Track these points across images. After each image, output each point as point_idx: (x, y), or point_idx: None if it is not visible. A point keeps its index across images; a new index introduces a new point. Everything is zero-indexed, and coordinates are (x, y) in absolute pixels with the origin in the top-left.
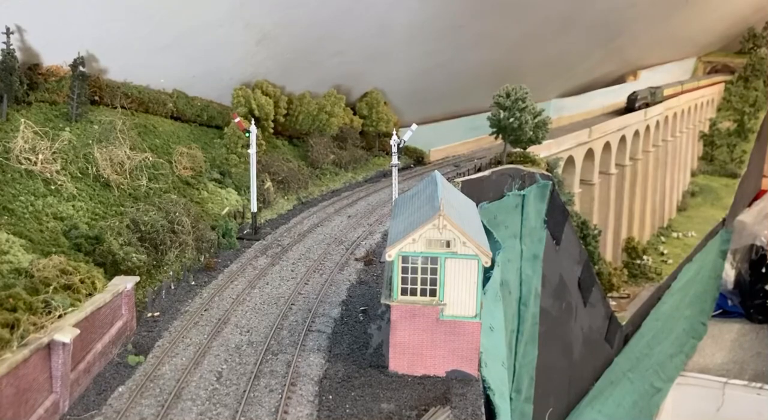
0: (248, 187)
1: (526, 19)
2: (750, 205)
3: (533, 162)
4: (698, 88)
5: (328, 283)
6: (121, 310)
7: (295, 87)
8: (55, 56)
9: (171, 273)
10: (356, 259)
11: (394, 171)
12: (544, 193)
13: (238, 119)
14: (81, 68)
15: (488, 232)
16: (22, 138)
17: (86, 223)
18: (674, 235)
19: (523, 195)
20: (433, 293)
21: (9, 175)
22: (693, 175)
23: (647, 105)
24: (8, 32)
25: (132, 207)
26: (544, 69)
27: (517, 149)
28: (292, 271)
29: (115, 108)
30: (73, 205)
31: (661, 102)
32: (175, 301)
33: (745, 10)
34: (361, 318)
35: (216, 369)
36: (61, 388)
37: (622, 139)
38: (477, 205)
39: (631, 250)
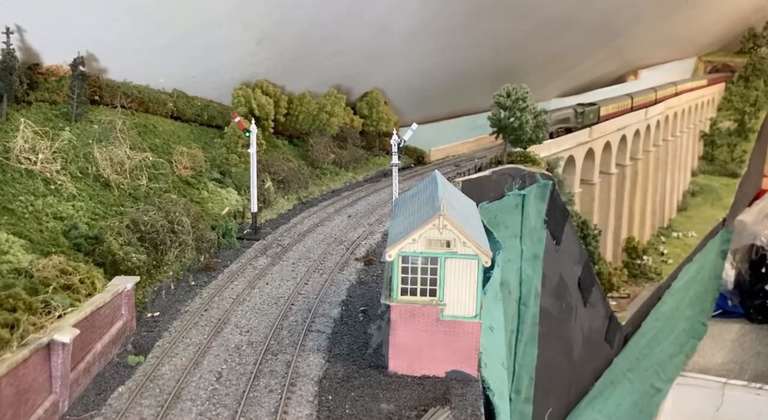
0: (248, 187)
1: (527, 19)
2: (750, 204)
3: (533, 162)
4: (656, 102)
5: (328, 283)
6: (121, 310)
7: (295, 87)
8: (55, 56)
9: (171, 273)
10: (356, 259)
11: (395, 171)
12: (545, 193)
13: (238, 119)
14: (81, 68)
15: (488, 232)
16: (22, 138)
17: (86, 223)
18: (674, 235)
19: (524, 195)
20: (433, 293)
21: (9, 175)
22: (693, 174)
23: (568, 131)
24: (8, 32)
25: (132, 207)
26: (544, 69)
27: (518, 149)
28: (292, 271)
29: (115, 108)
30: (72, 205)
31: (593, 125)
32: (174, 301)
33: (745, 10)
34: (361, 318)
35: (216, 369)
36: (61, 388)
37: (623, 138)
38: (477, 205)
39: (632, 250)
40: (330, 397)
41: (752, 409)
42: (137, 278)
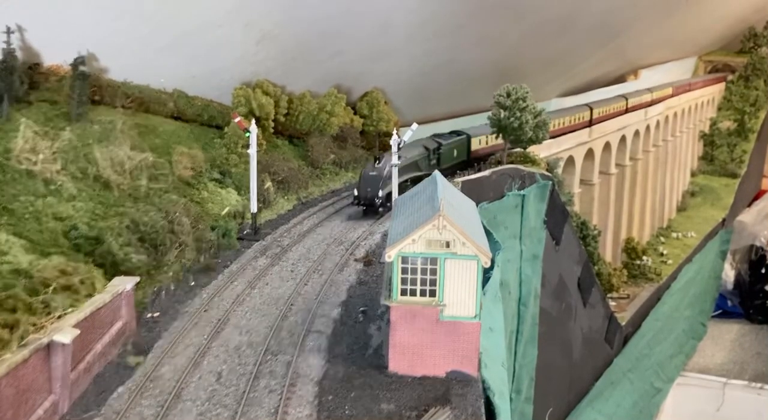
0: (248, 187)
1: (527, 19)
2: (750, 205)
3: (533, 162)
4: (591, 124)
5: (328, 283)
6: (121, 310)
7: (296, 87)
8: (56, 56)
9: (171, 273)
10: (356, 260)
11: (394, 171)
12: (544, 193)
13: (238, 119)
14: (81, 68)
15: (488, 233)
16: (23, 138)
17: (86, 223)
18: (674, 235)
19: (523, 195)
20: (432, 294)
21: (9, 175)
22: (693, 175)
23: (415, 181)
24: (9, 32)
25: (132, 207)
26: (544, 69)
27: (517, 149)
28: (292, 271)
29: (116, 108)
30: (73, 206)
31: (459, 164)
32: (174, 301)
33: (745, 10)
34: (361, 318)
35: (216, 369)
36: (61, 389)
37: (622, 139)
38: (477, 205)
39: (631, 250)
40: (330, 398)
41: (752, 409)
42: (137, 279)
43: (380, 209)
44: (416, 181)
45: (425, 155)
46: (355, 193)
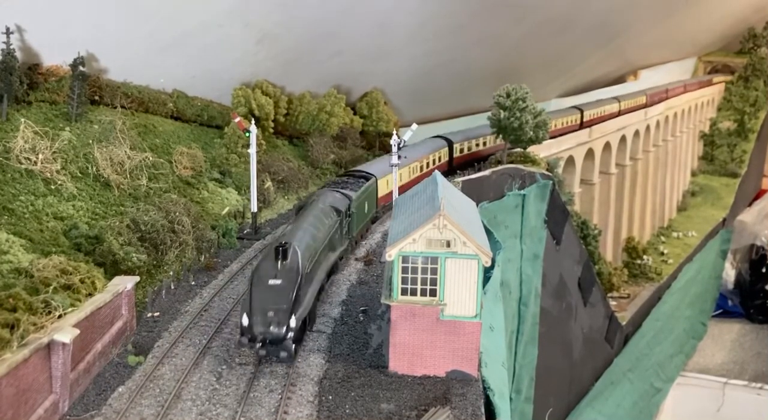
0: (248, 187)
1: (526, 20)
2: (750, 204)
3: (533, 162)
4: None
5: (328, 282)
6: (121, 310)
7: (295, 87)
8: (55, 56)
9: (171, 273)
10: (356, 259)
11: (394, 171)
12: (545, 193)
13: (238, 119)
14: (81, 68)
15: (488, 232)
16: (22, 138)
17: (86, 222)
18: (674, 234)
19: (524, 195)
20: (433, 293)
21: (9, 175)
22: (693, 174)
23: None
24: (8, 32)
25: (132, 207)
26: (544, 69)
27: (517, 149)
28: None
29: (115, 108)
30: (73, 205)
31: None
32: (175, 301)
33: (745, 10)
34: (361, 318)
35: (216, 369)
36: (61, 389)
37: (623, 138)
38: (477, 205)
39: (632, 249)
40: (330, 397)
41: (752, 409)
42: (137, 278)
43: (293, 346)
44: (331, 271)
45: (337, 223)
46: (244, 321)
